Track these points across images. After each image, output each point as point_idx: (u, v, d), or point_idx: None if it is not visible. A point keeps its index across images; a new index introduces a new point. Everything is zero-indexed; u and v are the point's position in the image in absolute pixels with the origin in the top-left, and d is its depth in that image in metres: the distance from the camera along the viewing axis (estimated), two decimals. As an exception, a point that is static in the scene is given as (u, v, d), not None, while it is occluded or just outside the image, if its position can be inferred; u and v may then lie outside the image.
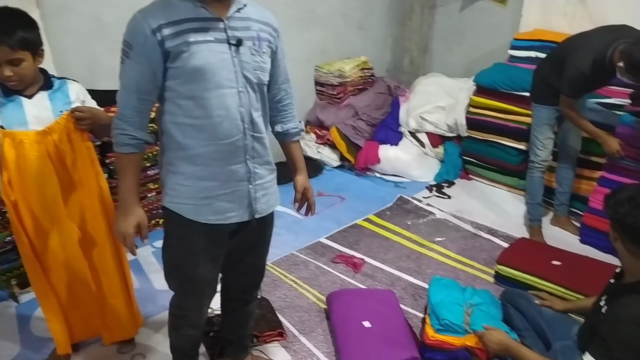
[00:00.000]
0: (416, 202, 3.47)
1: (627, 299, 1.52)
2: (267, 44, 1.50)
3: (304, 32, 3.84)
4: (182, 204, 1.49)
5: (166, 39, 1.34)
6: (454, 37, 4.29)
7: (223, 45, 1.39)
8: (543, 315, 2.02)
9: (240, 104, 1.44)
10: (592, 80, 2.49)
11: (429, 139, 3.89)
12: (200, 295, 1.68)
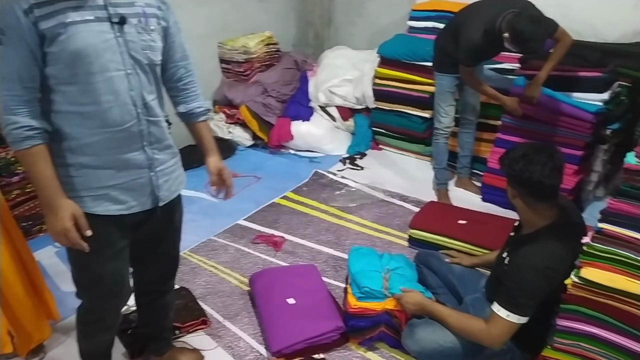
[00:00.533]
0: (331, 175, 3.52)
1: (526, 248, 1.65)
2: (156, 20, 1.40)
3: (201, 6, 3.67)
4: (77, 196, 1.37)
5: (40, 20, 1.21)
6: (355, 9, 4.33)
7: (104, 25, 1.29)
8: (454, 272, 2.15)
9: (130, 88, 1.34)
10: (486, 50, 2.63)
11: (339, 112, 3.94)
12: (114, 297, 1.58)
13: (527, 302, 1.60)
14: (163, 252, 1.69)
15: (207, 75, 3.85)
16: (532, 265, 1.60)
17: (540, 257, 1.61)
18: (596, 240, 1.52)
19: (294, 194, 3.30)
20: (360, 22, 4.35)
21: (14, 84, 1.25)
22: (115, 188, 1.40)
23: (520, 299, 1.60)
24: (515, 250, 1.71)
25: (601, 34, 3.08)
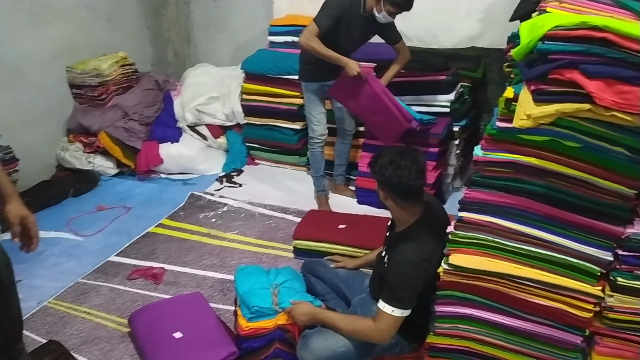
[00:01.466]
0: (209, 196, 3.41)
1: (402, 244, 1.75)
2: None
3: (42, 29, 3.34)
4: None
5: None
6: (214, 26, 4.27)
7: None
8: (339, 277, 2.20)
9: None
10: (345, 18, 2.72)
11: (210, 130, 3.84)
12: None
13: (408, 295, 1.69)
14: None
15: (56, 102, 3.51)
16: (409, 260, 1.70)
17: (415, 251, 1.72)
18: (458, 228, 1.67)
19: (169, 220, 3.14)
20: (221, 39, 4.30)
21: None
22: None
23: (402, 293, 1.69)
24: (391, 247, 1.81)
25: (441, 40, 3.42)
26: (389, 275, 1.74)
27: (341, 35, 2.77)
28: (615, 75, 1.32)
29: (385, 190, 1.77)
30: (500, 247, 1.63)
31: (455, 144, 3.15)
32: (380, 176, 1.74)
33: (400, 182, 1.70)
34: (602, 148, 1.42)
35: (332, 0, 2.71)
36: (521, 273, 1.61)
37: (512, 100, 1.49)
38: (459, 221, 1.67)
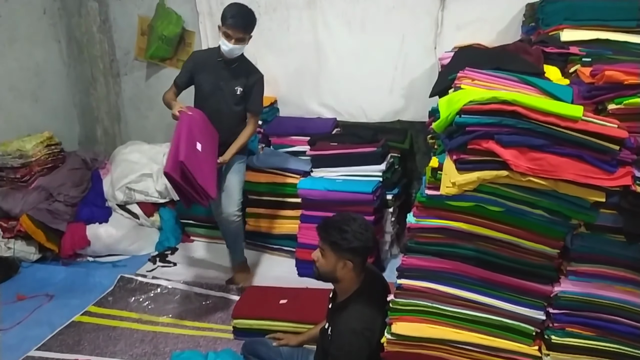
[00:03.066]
0: (140, 278, 3.22)
1: (344, 314, 1.74)
2: None
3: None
4: None
5: None
6: (145, 103, 4.26)
7: None
8: (283, 355, 2.12)
9: None
10: (199, 69, 2.83)
11: (142, 208, 3.71)
12: None
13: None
14: None
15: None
16: (351, 329, 1.68)
17: (357, 320, 1.70)
18: (398, 296, 1.68)
19: (96, 307, 2.92)
20: (152, 116, 4.28)
21: None
22: None
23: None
24: (334, 319, 1.78)
25: (370, 115, 3.61)
26: (333, 347, 1.70)
27: (203, 86, 2.84)
28: (527, 143, 1.44)
29: (347, 257, 1.75)
30: (439, 312, 1.66)
31: (389, 211, 3.24)
32: (347, 242, 1.73)
33: (367, 246, 1.75)
34: (523, 211, 1.52)
35: (189, 55, 2.85)
36: (461, 338, 1.64)
37: (437, 169, 1.58)
38: (399, 288, 1.69)
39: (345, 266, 1.77)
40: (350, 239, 1.73)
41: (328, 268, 1.78)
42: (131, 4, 3.96)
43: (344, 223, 1.76)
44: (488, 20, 3.14)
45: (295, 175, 3.31)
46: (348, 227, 1.74)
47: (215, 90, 2.82)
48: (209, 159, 2.63)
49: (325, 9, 3.46)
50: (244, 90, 2.83)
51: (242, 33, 2.66)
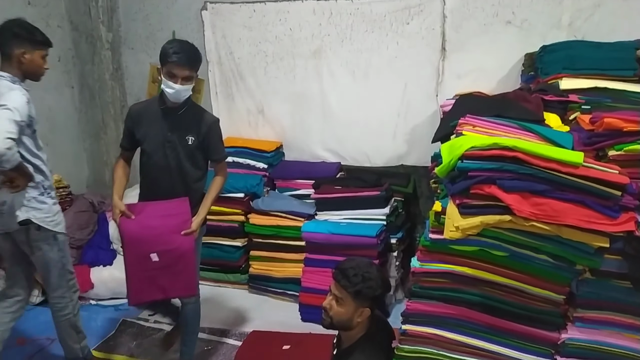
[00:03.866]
0: (142, 322, 3.19)
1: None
2: None
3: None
4: None
5: None
6: (154, 147, 4.34)
7: None
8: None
9: None
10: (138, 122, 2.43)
11: (146, 251, 3.71)
12: None
13: None
14: None
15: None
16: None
17: (363, 367, 1.66)
18: (403, 342, 1.66)
19: (98, 352, 2.88)
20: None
21: None
22: None
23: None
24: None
25: (373, 159, 3.66)
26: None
27: (146, 142, 2.41)
28: (530, 189, 1.47)
29: (366, 305, 1.68)
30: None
31: (394, 255, 3.23)
32: (372, 291, 1.66)
33: (387, 292, 1.74)
34: (527, 256, 1.53)
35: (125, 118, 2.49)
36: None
37: (440, 214, 1.60)
38: (403, 334, 1.67)
39: (362, 314, 1.69)
40: (375, 286, 1.66)
41: (345, 317, 1.69)
42: (143, 53, 4.11)
43: (365, 270, 1.68)
44: (488, 69, 3.23)
45: (299, 218, 3.33)
46: (370, 274, 1.67)
47: (162, 144, 2.38)
48: (179, 256, 2.33)
49: (330, 59, 3.58)
50: (198, 140, 2.41)
51: (188, 70, 2.28)
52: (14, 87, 2.25)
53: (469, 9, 3.20)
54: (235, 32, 3.74)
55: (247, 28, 3.70)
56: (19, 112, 2.16)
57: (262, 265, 3.47)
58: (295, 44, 3.62)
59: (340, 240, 3.01)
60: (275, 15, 3.62)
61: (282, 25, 3.62)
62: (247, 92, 3.85)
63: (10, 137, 2.08)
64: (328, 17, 3.50)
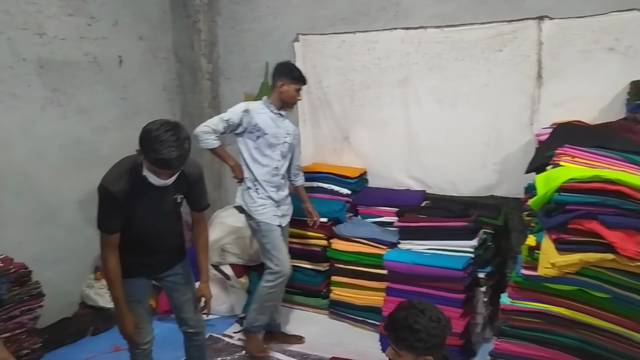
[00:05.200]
0: (227, 339, 3.31)
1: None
2: None
3: (83, 173, 3.57)
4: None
5: None
6: (243, 172, 4.55)
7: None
8: None
9: None
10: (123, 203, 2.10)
11: (233, 270, 3.87)
12: None
13: None
14: None
15: (84, 241, 3.57)
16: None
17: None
18: (491, 383, 1.58)
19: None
20: (249, 183, 4.55)
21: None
22: None
23: None
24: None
25: (460, 189, 3.57)
26: None
27: (134, 216, 2.14)
28: (635, 226, 1.36)
29: (426, 354, 1.60)
30: (537, 406, 1.52)
31: (482, 291, 3.09)
32: (423, 343, 1.58)
33: (444, 337, 1.61)
34: (631, 299, 1.41)
35: (101, 195, 2.08)
36: None
37: (534, 249, 1.53)
38: (491, 375, 1.58)
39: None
40: (425, 338, 1.58)
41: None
42: (238, 83, 4.37)
43: (413, 320, 1.60)
44: (588, 97, 3.04)
45: (381, 245, 3.30)
46: (419, 325, 1.59)
47: (153, 215, 2.19)
48: None
49: (417, 87, 3.57)
50: (184, 194, 2.28)
51: (177, 170, 2.04)
52: (248, 102, 3.08)
53: (567, 35, 3.06)
54: (325, 62, 3.87)
55: (336, 58, 3.82)
56: (230, 114, 2.98)
57: (343, 292, 3.48)
58: (383, 72, 3.67)
59: (424, 271, 2.94)
60: (364, 45, 3.70)
61: (369, 55, 3.69)
62: (334, 119, 3.94)
63: (208, 126, 2.94)
64: (417, 45, 3.51)
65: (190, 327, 2.53)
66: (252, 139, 2.99)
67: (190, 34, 4.29)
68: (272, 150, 3.01)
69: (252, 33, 4.20)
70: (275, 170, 3.04)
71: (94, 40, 3.67)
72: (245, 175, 3.06)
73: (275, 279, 3.04)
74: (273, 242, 3.03)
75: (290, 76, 2.98)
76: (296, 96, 3.04)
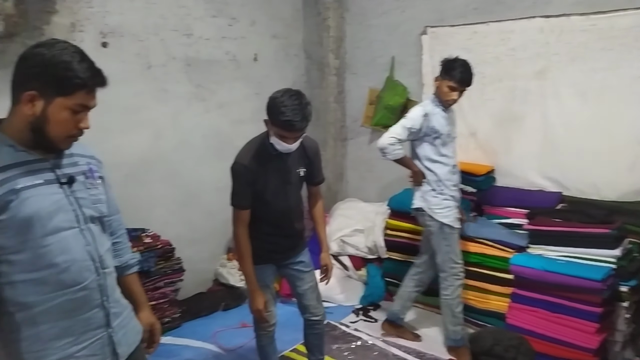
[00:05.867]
0: (343, 327, 3.40)
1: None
2: (98, 175, 1.48)
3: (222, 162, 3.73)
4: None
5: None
6: (365, 166, 4.61)
7: (54, 187, 1.32)
8: None
9: (87, 243, 1.35)
10: (254, 176, 2.28)
11: (352, 261, 3.95)
12: None
13: None
14: None
15: (221, 223, 3.86)
16: None
17: None
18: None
19: (303, 346, 3.14)
20: (369, 178, 4.59)
21: None
22: (77, 357, 1.33)
23: None
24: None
25: (603, 192, 3.22)
26: None
27: (266, 192, 2.29)
28: None
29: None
30: None
31: (623, 306, 2.77)
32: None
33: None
34: None
35: (234, 170, 2.27)
36: None
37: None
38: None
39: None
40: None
41: None
42: (364, 78, 4.42)
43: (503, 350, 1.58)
44: None
45: (508, 249, 3.12)
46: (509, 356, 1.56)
47: (282, 188, 2.33)
48: None
49: (556, 80, 3.30)
50: (306, 168, 2.40)
51: (301, 131, 2.17)
52: (423, 104, 2.95)
53: None
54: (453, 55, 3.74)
55: (466, 50, 3.65)
56: (411, 120, 2.84)
57: (464, 293, 3.33)
58: (517, 64, 3.45)
59: (557, 279, 2.72)
60: (497, 36, 3.51)
61: (503, 46, 3.49)
62: (460, 114, 3.79)
63: (393, 137, 2.85)
64: (558, 34, 3.24)
65: (312, 314, 2.59)
66: (429, 141, 2.91)
67: (319, 31, 4.43)
68: (447, 149, 2.94)
69: (379, 28, 4.22)
70: (454, 168, 3.00)
71: (233, 39, 3.97)
72: (428, 177, 2.95)
73: (458, 284, 3.00)
74: (453, 245, 2.96)
75: (444, 71, 2.84)
76: (448, 94, 2.83)
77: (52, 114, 1.26)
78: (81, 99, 1.27)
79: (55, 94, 1.25)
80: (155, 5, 3.45)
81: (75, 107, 1.27)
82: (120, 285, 1.58)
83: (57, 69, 1.24)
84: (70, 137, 1.32)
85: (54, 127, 1.27)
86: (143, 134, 3.50)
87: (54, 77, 1.24)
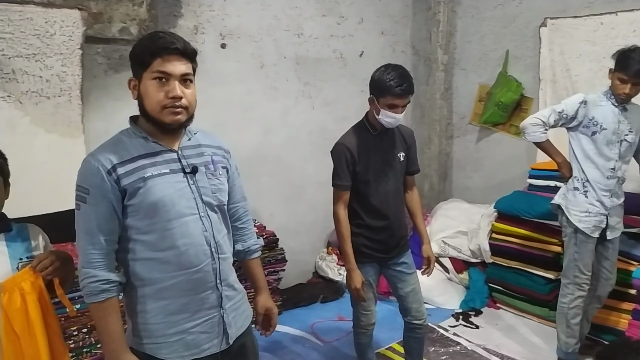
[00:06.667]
0: (442, 331, 3.32)
1: None
2: (222, 166, 1.57)
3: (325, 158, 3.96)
4: (154, 343, 1.42)
5: (122, 178, 1.36)
6: (471, 165, 4.44)
7: (178, 175, 1.43)
8: None
9: (204, 229, 1.45)
10: (356, 156, 2.33)
11: (453, 264, 3.84)
12: None
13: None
14: None
15: (322, 217, 3.95)
16: None
17: None
18: None
19: (399, 345, 3.13)
20: (476, 177, 4.42)
21: (96, 237, 1.35)
22: (189, 332, 1.44)
23: None
24: None
25: None
26: None
27: (368, 174, 2.32)
28: None
29: None
30: None
31: None
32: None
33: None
34: None
35: (335, 151, 2.35)
36: None
37: None
38: None
39: None
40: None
41: None
42: (474, 73, 4.25)
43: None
44: None
45: (632, 261, 2.83)
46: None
47: (383, 170, 2.36)
48: None
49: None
50: (405, 154, 2.42)
51: (410, 95, 2.25)
52: (588, 94, 2.70)
53: None
54: (576, 48, 3.47)
55: (590, 42, 3.37)
56: (564, 105, 2.66)
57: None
58: (651, 58, 3.09)
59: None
60: (628, 27, 3.19)
61: (635, 37, 3.15)
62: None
63: (538, 117, 2.70)
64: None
65: (414, 317, 2.52)
66: (587, 134, 2.64)
67: (428, 26, 4.35)
68: (610, 149, 2.61)
69: (493, 20, 4.03)
70: (610, 172, 2.63)
71: (341, 37, 4.04)
72: (574, 174, 2.71)
73: (579, 295, 2.72)
74: (582, 255, 2.67)
75: (616, 62, 2.56)
76: (619, 87, 2.53)
77: (144, 90, 1.38)
78: (158, 65, 1.36)
79: (140, 70, 1.38)
80: (270, 7, 3.63)
81: (156, 74, 1.37)
82: (245, 269, 1.73)
83: (136, 48, 1.40)
84: (166, 109, 1.38)
85: (148, 101, 1.39)
86: (255, 129, 3.71)
87: (134, 55, 1.40)
